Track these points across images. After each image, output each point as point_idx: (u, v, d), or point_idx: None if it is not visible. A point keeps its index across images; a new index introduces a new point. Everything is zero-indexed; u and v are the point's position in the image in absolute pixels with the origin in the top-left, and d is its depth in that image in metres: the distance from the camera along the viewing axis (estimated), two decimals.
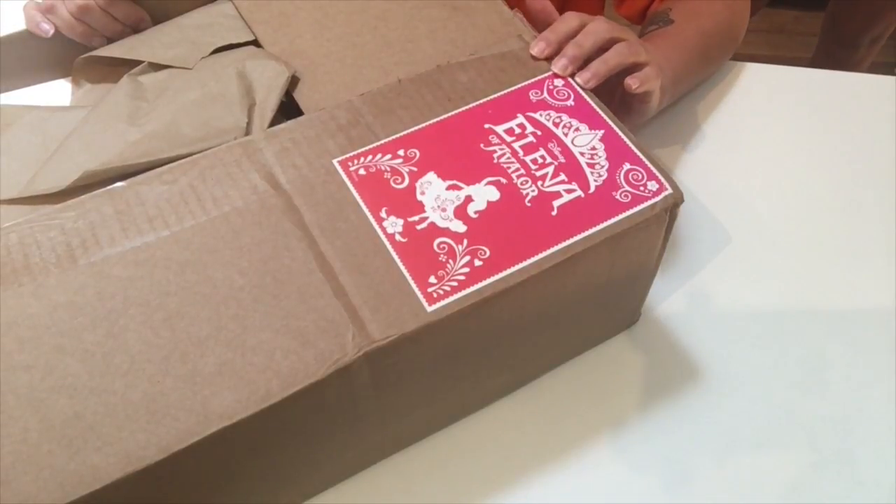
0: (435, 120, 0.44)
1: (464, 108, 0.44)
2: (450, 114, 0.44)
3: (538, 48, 0.47)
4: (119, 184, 0.41)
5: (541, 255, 0.39)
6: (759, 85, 0.65)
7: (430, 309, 0.37)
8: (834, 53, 1.10)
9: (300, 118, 0.44)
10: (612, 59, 0.46)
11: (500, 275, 0.38)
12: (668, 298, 0.53)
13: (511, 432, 0.48)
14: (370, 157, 0.42)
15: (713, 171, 0.60)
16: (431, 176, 0.41)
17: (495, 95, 0.45)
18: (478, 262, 0.38)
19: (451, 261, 0.38)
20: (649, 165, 0.42)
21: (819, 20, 1.14)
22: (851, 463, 0.46)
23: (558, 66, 0.46)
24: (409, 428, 0.46)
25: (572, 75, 0.46)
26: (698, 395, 0.49)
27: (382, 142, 0.43)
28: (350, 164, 0.42)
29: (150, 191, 0.40)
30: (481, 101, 0.45)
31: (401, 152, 0.42)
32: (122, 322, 0.36)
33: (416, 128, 0.43)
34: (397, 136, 0.43)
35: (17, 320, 0.36)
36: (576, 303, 0.44)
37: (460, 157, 0.42)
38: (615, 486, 0.46)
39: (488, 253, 0.39)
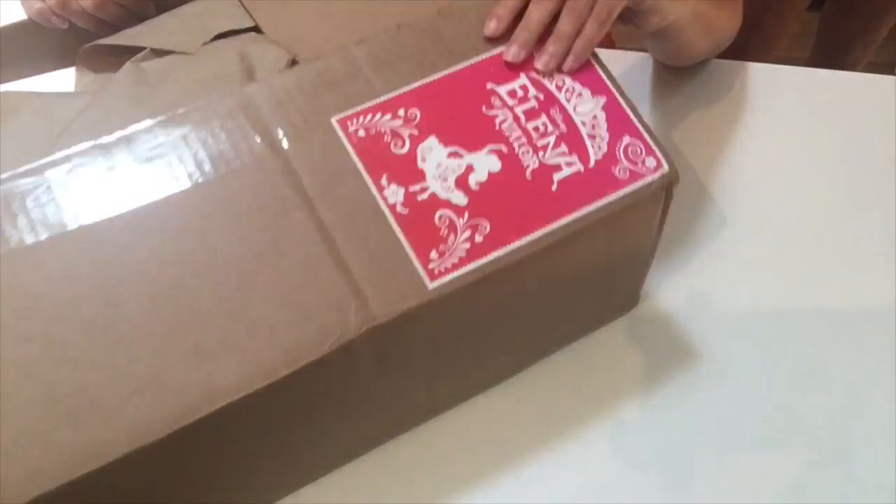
0: (436, 76, 0.43)
1: (466, 65, 0.43)
2: (451, 69, 0.43)
3: (491, 27, 0.43)
4: (107, 138, 0.39)
5: (540, 233, 0.39)
6: (759, 85, 0.64)
7: (431, 286, 0.37)
8: (829, 56, 1.10)
9: (295, 68, 0.43)
10: (565, 30, 0.43)
11: (501, 252, 0.38)
12: (667, 287, 0.54)
13: (508, 420, 0.48)
14: (370, 117, 0.41)
15: (712, 171, 0.60)
16: (432, 141, 0.40)
17: (497, 51, 0.44)
18: (478, 238, 0.38)
19: (451, 235, 0.38)
20: (648, 140, 0.42)
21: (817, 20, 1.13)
22: (851, 463, 0.46)
23: (510, 54, 0.43)
24: (407, 411, 0.46)
25: (526, 59, 0.43)
26: (697, 387, 0.50)
27: (382, 100, 0.41)
28: (349, 123, 0.40)
29: (143, 148, 0.39)
30: (483, 57, 0.43)
31: (401, 112, 0.41)
32: (121, 292, 0.35)
33: (416, 84, 0.42)
34: (397, 93, 0.42)
35: (11, 288, 0.35)
36: (575, 282, 0.45)
37: (462, 120, 0.42)
38: (613, 482, 0.47)
39: (489, 228, 0.39)
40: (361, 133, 0.40)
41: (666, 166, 0.41)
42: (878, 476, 0.46)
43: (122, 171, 0.38)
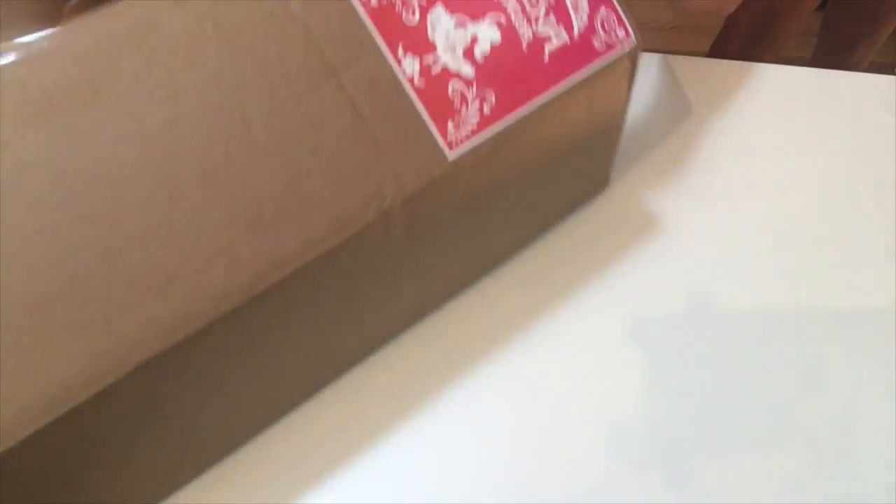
0: None
1: None
2: None
3: None
4: (125, 19, 0.37)
5: (538, 101, 0.42)
6: (759, 85, 0.64)
7: (451, 156, 0.39)
8: (831, 56, 1.10)
9: None
10: None
11: (506, 121, 0.41)
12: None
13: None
14: None
15: (712, 171, 0.60)
16: (440, 9, 0.41)
17: None
18: (486, 109, 0.40)
19: (463, 106, 0.40)
20: (620, 11, 0.45)
21: (819, 20, 1.13)
22: (851, 463, 0.46)
23: None
24: (428, 290, 0.49)
25: None
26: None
27: None
28: None
29: (165, 15, 0.37)
30: None
31: None
32: (175, 169, 0.35)
33: None
34: None
35: (64, 168, 0.33)
36: (563, 150, 0.48)
37: None
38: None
39: (494, 99, 0.41)
40: (374, 1, 0.40)
41: (633, 37, 0.44)
42: (878, 476, 0.46)
43: (147, 49, 0.36)
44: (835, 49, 1.12)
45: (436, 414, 0.49)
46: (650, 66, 0.67)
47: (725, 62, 0.67)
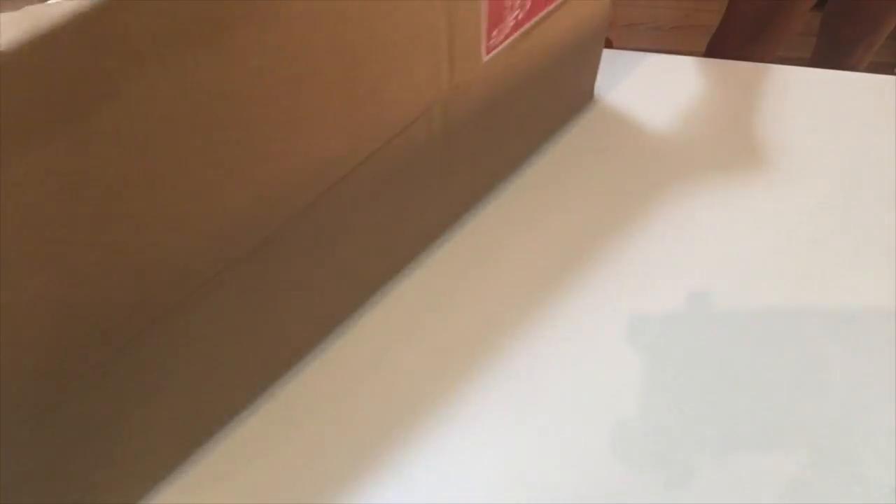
0: None
1: None
2: None
3: None
4: None
5: (551, 6, 0.43)
6: (759, 85, 0.64)
7: (485, 59, 0.41)
8: (830, 58, 1.10)
9: None
10: None
11: (527, 26, 0.42)
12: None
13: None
14: None
15: (712, 171, 0.59)
16: None
17: None
18: (520, 15, 0.42)
19: (508, 14, 0.41)
20: None
21: (818, 20, 1.13)
22: (852, 463, 0.46)
23: None
24: (452, 197, 0.53)
25: None
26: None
27: None
28: None
29: None
30: None
31: None
32: (304, 64, 0.35)
33: None
34: None
35: (217, 89, 0.33)
36: (566, 51, 0.50)
37: None
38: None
39: (529, 6, 0.42)
40: None
41: None
42: (878, 476, 0.46)
43: None
44: (833, 50, 1.12)
45: (432, 408, 0.49)
46: (650, 66, 0.67)
47: (725, 62, 0.67)
